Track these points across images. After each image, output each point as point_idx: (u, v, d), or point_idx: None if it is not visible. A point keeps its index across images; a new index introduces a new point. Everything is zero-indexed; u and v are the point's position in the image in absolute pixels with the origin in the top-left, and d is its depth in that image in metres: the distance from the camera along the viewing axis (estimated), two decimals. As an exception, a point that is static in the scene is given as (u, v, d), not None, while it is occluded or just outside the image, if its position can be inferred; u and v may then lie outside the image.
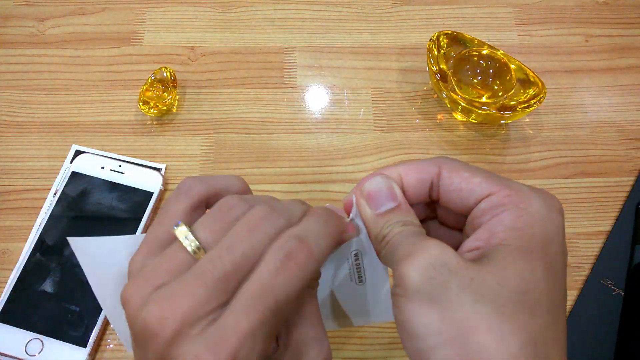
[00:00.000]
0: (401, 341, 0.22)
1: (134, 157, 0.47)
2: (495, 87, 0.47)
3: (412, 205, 0.26)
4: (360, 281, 0.29)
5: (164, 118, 0.50)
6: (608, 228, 0.46)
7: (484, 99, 0.47)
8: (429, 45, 0.49)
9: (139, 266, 0.22)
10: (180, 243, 0.22)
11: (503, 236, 0.22)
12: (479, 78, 0.48)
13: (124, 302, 0.21)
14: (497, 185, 0.23)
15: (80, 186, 0.45)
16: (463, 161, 0.26)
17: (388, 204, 0.25)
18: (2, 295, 0.41)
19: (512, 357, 0.20)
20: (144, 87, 0.49)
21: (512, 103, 0.47)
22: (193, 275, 0.21)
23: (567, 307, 0.43)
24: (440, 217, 0.28)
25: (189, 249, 0.22)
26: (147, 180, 0.45)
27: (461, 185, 0.24)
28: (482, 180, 0.24)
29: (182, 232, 0.22)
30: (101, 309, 0.40)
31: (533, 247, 0.22)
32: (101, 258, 0.25)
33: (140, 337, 0.20)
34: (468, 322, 0.20)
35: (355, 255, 0.28)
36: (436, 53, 0.49)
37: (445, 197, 0.25)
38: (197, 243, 0.22)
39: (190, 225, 0.23)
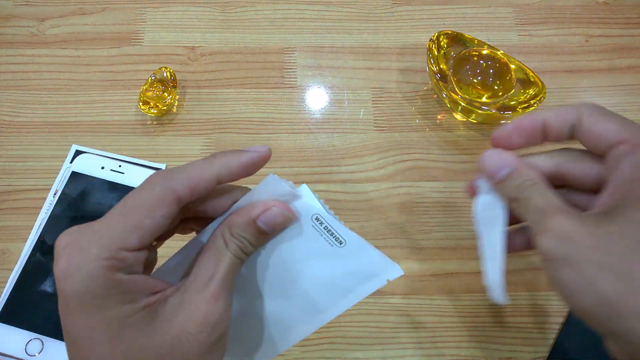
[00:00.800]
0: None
1: (134, 157, 0.47)
2: (495, 87, 0.47)
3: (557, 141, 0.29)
4: (340, 243, 0.28)
5: (164, 118, 0.50)
6: None
7: (484, 99, 0.47)
8: (429, 45, 0.49)
9: None
10: None
11: (625, 189, 0.24)
12: (479, 78, 0.48)
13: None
14: (629, 134, 0.25)
15: (80, 186, 0.45)
16: (604, 107, 0.28)
17: (504, 170, 0.28)
18: (2, 295, 0.41)
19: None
20: (144, 87, 0.49)
21: (512, 103, 0.47)
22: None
23: (567, 307, 0.43)
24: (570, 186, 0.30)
25: None
26: (147, 180, 0.45)
27: (598, 129, 0.26)
28: (616, 127, 0.26)
29: None
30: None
31: None
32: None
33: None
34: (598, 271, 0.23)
35: (317, 219, 0.27)
36: (436, 53, 0.49)
37: (584, 138, 0.27)
38: None
39: None
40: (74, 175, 0.45)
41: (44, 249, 0.42)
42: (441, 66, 0.48)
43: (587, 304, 0.23)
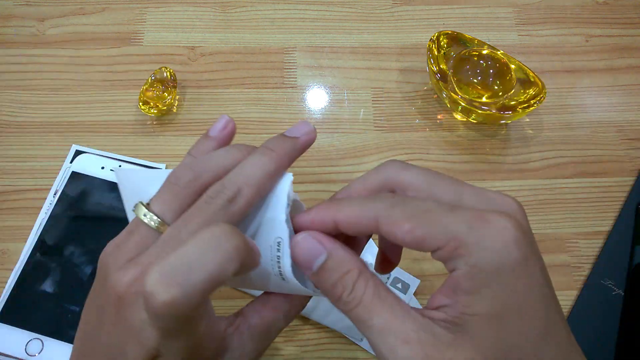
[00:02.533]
0: None
1: (134, 157, 0.47)
2: (495, 87, 0.47)
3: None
4: (282, 278, 0.25)
5: (164, 118, 0.50)
6: (608, 228, 0.46)
7: (484, 99, 0.47)
8: (429, 45, 0.49)
9: (117, 241, 0.25)
10: (141, 220, 0.24)
11: (464, 303, 0.21)
12: (479, 78, 0.48)
13: (101, 266, 0.24)
14: (439, 237, 0.22)
15: (80, 186, 0.45)
16: (407, 198, 0.24)
17: (319, 259, 0.24)
18: (2, 295, 0.41)
19: None
20: (144, 87, 0.49)
21: (512, 103, 0.47)
22: (156, 247, 0.23)
23: (567, 307, 0.43)
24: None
25: (152, 225, 0.24)
26: (147, 180, 0.45)
27: (404, 239, 0.22)
28: (425, 233, 0.22)
29: (140, 210, 0.25)
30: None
31: (498, 311, 0.21)
32: (137, 186, 0.27)
33: (109, 298, 0.23)
34: None
35: (278, 244, 0.25)
36: (436, 53, 0.49)
37: (391, 240, 0.23)
38: (157, 218, 0.24)
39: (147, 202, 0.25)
40: (74, 175, 0.45)
41: (44, 249, 0.42)
42: (441, 66, 0.48)
43: None
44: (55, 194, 0.44)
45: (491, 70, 0.48)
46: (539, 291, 0.22)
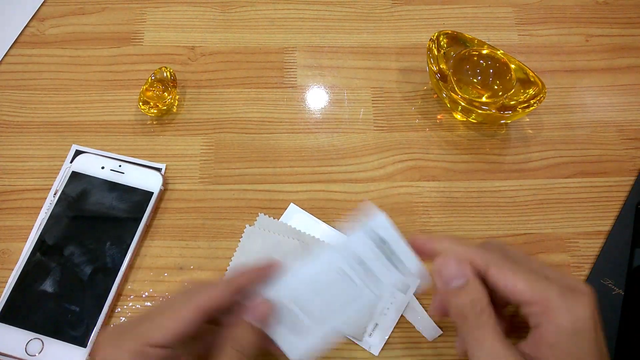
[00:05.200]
0: None
1: (134, 157, 0.47)
2: (495, 87, 0.47)
3: None
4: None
5: (164, 118, 0.50)
6: (608, 228, 0.46)
7: (484, 99, 0.47)
8: (429, 45, 0.49)
9: None
10: None
11: (546, 353, 0.28)
12: (479, 78, 0.48)
13: None
14: (535, 295, 0.28)
15: (80, 186, 0.45)
16: (511, 252, 0.31)
17: (459, 280, 0.30)
18: (2, 295, 0.41)
19: None
20: (144, 87, 0.49)
21: (512, 103, 0.47)
22: None
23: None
24: None
25: None
26: (147, 180, 0.45)
27: (506, 285, 0.29)
28: (523, 286, 0.29)
29: None
30: (101, 309, 0.40)
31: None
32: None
33: None
34: None
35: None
36: (436, 53, 0.49)
37: (492, 286, 0.30)
38: None
39: None
40: (74, 175, 0.45)
41: (44, 249, 0.42)
42: (441, 66, 0.48)
43: None
44: (55, 194, 0.44)
45: (491, 70, 0.48)
46: (599, 352, 0.28)
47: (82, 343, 0.39)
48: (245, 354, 0.30)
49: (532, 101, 0.46)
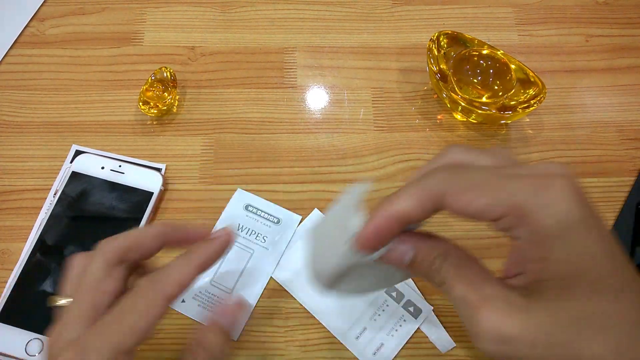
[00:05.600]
0: None
1: (134, 157, 0.47)
2: (495, 87, 0.47)
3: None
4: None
5: (164, 118, 0.50)
6: (608, 228, 0.46)
7: (484, 99, 0.47)
8: (429, 45, 0.49)
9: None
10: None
11: (535, 270, 0.23)
12: (479, 78, 0.48)
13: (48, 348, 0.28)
14: (503, 206, 0.23)
15: (80, 186, 0.45)
16: (467, 161, 0.25)
17: (407, 256, 0.26)
18: (2, 295, 0.41)
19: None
20: (144, 87, 0.49)
21: (512, 103, 0.47)
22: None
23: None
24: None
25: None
26: (147, 180, 0.45)
27: (468, 209, 0.23)
28: (488, 202, 0.23)
29: (54, 300, 0.30)
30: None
31: (572, 272, 0.22)
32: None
33: None
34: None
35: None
36: (436, 53, 0.49)
37: (456, 214, 0.25)
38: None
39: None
40: (74, 175, 0.45)
41: (44, 249, 0.42)
42: (441, 66, 0.48)
43: None
44: (55, 194, 0.44)
45: (491, 70, 0.48)
46: (607, 247, 0.22)
47: (82, 343, 0.39)
48: (216, 357, 0.29)
49: (532, 101, 0.46)
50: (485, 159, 0.26)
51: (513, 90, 0.47)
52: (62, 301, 0.29)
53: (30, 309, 0.40)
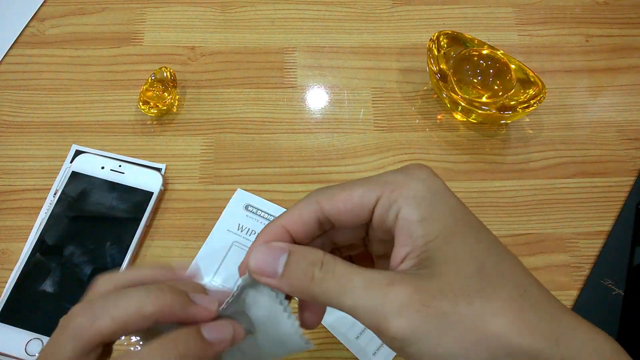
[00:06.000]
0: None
1: (134, 157, 0.47)
2: (495, 87, 0.47)
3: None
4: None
5: (164, 118, 0.50)
6: (608, 228, 0.46)
7: (484, 99, 0.47)
8: (429, 45, 0.49)
9: None
10: None
11: (420, 233, 0.23)
12: (479, 78, 0.48)
13: None
14: (378, 187, 0.24)
15: (80, 186, 0.45)
16: (334, 184, 0.26)
17: (281, 258, 0.23)
18: (2, 295, 0.41)
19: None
20: (144, 87, 0.49)
21: (512, 103, 0.47)
22: None
23: (568, 307, 0.43)
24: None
25: None
26: (147, 180, 0.45)
27: (347, 206, 0.24)
28: (362, 190, 0.24)
29: None
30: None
31: (450, 227, 0.23)
32: None
33: None
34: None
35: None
36: (436, 53, 0.49)
37: (339, 222, 0.25)
38: None
39: None
40: (74, 175, 0.45)
41: (44, 249, 0.42)
42: (441, 66, 0.48)
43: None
44: (55, 194, 0.44)
45: (491, 70, 0.48)
46: (464, 210, 0.25)
47: (82, 343, 0.39)
48: None
49: (532, 101, 0.46)
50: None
51: (513, 90, 0.47)
52: None
53: (30, 309, 0.40)
